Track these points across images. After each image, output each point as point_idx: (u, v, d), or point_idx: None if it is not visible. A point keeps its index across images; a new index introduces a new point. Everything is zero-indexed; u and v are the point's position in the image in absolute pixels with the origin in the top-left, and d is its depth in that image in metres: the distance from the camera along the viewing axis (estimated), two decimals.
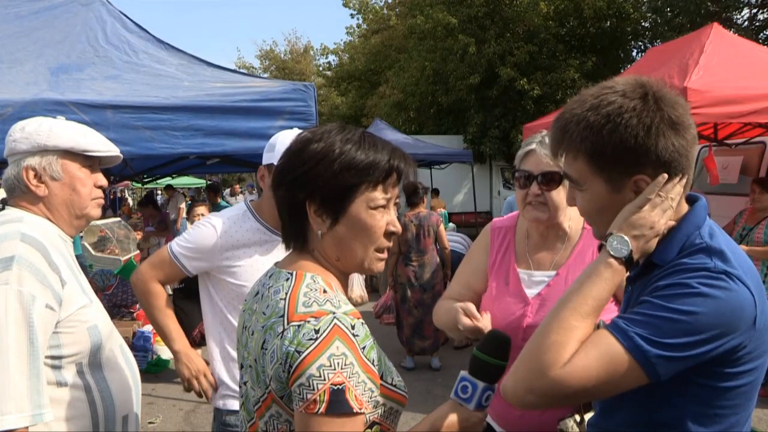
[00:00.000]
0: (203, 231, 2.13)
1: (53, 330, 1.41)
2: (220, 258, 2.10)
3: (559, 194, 1.73)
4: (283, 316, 1.09)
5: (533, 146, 1.78)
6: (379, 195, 1.17)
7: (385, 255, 1.24)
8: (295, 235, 1.20)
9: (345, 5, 24.84)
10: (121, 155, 1.73)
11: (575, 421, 1.62)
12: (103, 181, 1.66)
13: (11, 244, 1.40)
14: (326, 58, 31.16)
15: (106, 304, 1.66)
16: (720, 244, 1.10)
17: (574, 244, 1.80)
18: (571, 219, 1.81)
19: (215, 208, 8.20)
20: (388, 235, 1.21)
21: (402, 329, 5.97)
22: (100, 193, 1.66)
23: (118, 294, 6.41)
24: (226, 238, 2.10)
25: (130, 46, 3.53)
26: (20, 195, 1.57)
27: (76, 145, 1.58)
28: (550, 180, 1.73)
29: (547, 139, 1.75)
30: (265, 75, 33.02)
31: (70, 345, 1.45)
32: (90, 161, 1.63)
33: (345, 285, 1.25)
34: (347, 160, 1.14)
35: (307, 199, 1.15)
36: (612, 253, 1.13)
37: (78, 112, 2.70)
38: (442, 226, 5.94)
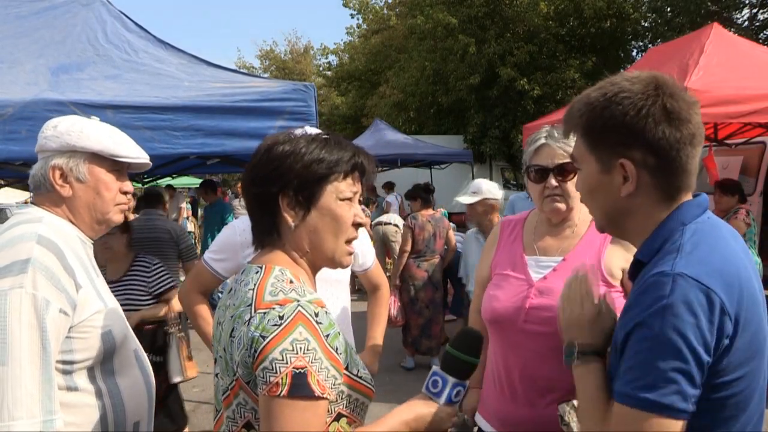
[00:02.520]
0: (226, 232, 2.35)
1: (66, 335, 1.40)
2: (242, 255, 2.24)
3: (574, 185, 1.78)
4: (250, 305, 1.13)
5: (543, 140, 1.81)
6: (346, 187, 1.25)
7: (353, 249, 1.30)
8: (268, 230, 1.25)
9: (345, 5, 24.84)
10: (150, 162, 1.72)
11: (573, 406, 1.63)
12: (129, 187, 1.66)
13: (27, 246, 1.38)
14: (326, 58, 31.17)
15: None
16: (696, 243, 1.08)
17: (582, 234, 1.82)
18: (581, 211, 1.85)
19: (215, 207, 8.06)
20: (356, 225, 1.27)
21: (409, 330, 5.96)
22: (124, 198, 1.65)
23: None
24: (245, 236, 2.22)
25: (130, 46, 3.53)
26: (45, 193, 1.56)
27: (105, 149, 1.57)
28: (565, 171, 1.78)
29: (555, 132, 1.81)
30: (265, 75, 33.02)
31: (83, 350, 1.43)
32: (118, 166, 1.62)
33: (313, 280, 1.29)
34: (315, 155, 1.22)
35: (280, 193, 1.21)
36: (570, 363, 1.26)
37: (78, 112, 2.69)
38: (451, 231, 6.06)
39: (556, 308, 1.69)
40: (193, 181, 21.22)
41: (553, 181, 1.77)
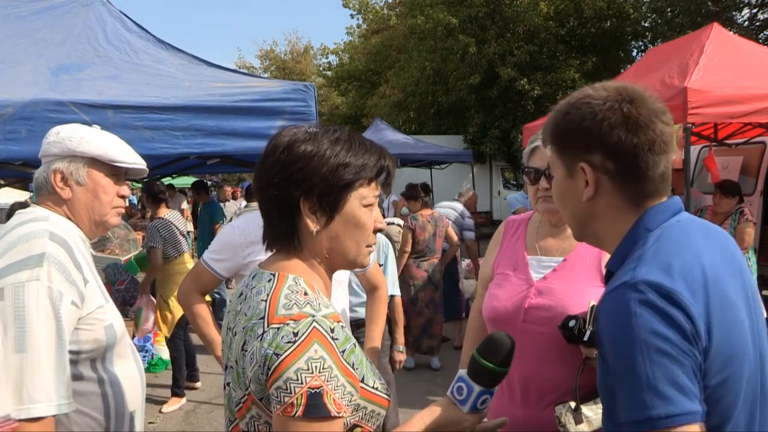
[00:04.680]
0: (226, 232, 2.35)
1: (75, 326, 1.49)
2: (242, 255, 2.25)
3: None
4: (263, 318, 1.09)
5: (538, 143, 1.83)
6: (369, 192, 1.19)
7: (372, 249, 1.25)
8: (287, 236, 1.18)
9: (345, 5, 24.84)
10: (147, 169, 1.80)
11: (569, 408, 1.63)
12: (126, 191, 1.75)
13: (41, 241, 1.48)
14: (326, 58, 31.19)
15: (117, 300, 1.74)
16: (658, 249, 1.05)
17: None
18: None
19: (207, 208, 8.03)
20: (376, 231, 1.22)
21: (409, 330, 5.96)
22: (121, 202, 1.75)
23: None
24: (245, 236, 2.24)
25: (130, 46, 3.53)
26: (46, 194, 1.66)
27: (104, 155, 1.66)
28: None
29: None
30: (266, 75, 33.03)
31: (89, 342, 1.53)
32: (116, 171, 1.71)
33: (329, 285, 1.25)
34: (341, 159, 1.15)
35: (302, 197, 1.14)
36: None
37: (78, 112, 2.70)
38: (450, 227, 6.11)
39: (556, 309, 1.70)
40: (193, 181, 21.19)
41: (545, 183, 1.79)
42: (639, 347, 0.96)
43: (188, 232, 5.81)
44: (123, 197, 1.75)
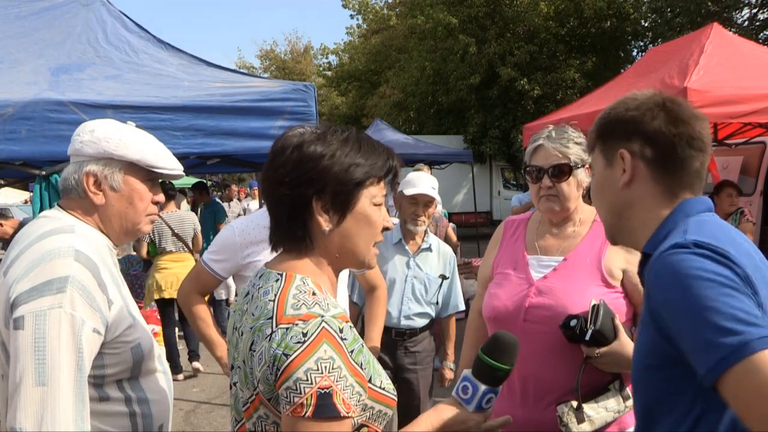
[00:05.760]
0: (225, 233, 2.35)
1: (98, 351, 1.41)
2: (241, 256, 2.26)
3: (570, 186, 1.80)
4: (271, 318, 1.09)
5: (541, 141, 1.83)
6: (378, 191, 1.20)
7: (377, 250, 1.26)
8: (299, 235, 1.18)
9: (345, 6, 24.83)
10: (183, 173, 1.69)
11: (571, 407, 1.63)
12: (161, 197, 1.62)
13: (66, 262, 1.37)
14: (326, 58, 31.18)
15: (126, 283, 1.64)
16: (702, 227, 1.08)
17: (584, 234, 1.84)
18: (583, 212, 1.88)
19: (209, 208, 8.03)
20: (383, 230, 1.24)
21: None
22: (155, 209, 1.62)
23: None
24: (244, 236, 2.26)
25: (130, 47, 3.53)
26: (76, 199, 1.53)
27: (143, 160, 1.53)
28: (560, 172, 1.80)
29: (554, 133, 1.83)
30: (266, 75, 33.02)
31: (114, 365, 1.45)
32: (152, 176, 1.58)
33: (335, 285, 1.26)
34: (352, 157, 1.16)
35: (315, 196, 1.14)
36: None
37: (78, 112, 2.70)
38: (450, 228, 6.14)
39: (556, 308, 1.71)
40: (193, 181, 21.15)
41: (548, 182, 1.80)
42: (704, 286, 0.95)
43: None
44: (157, 204, 1.61)
